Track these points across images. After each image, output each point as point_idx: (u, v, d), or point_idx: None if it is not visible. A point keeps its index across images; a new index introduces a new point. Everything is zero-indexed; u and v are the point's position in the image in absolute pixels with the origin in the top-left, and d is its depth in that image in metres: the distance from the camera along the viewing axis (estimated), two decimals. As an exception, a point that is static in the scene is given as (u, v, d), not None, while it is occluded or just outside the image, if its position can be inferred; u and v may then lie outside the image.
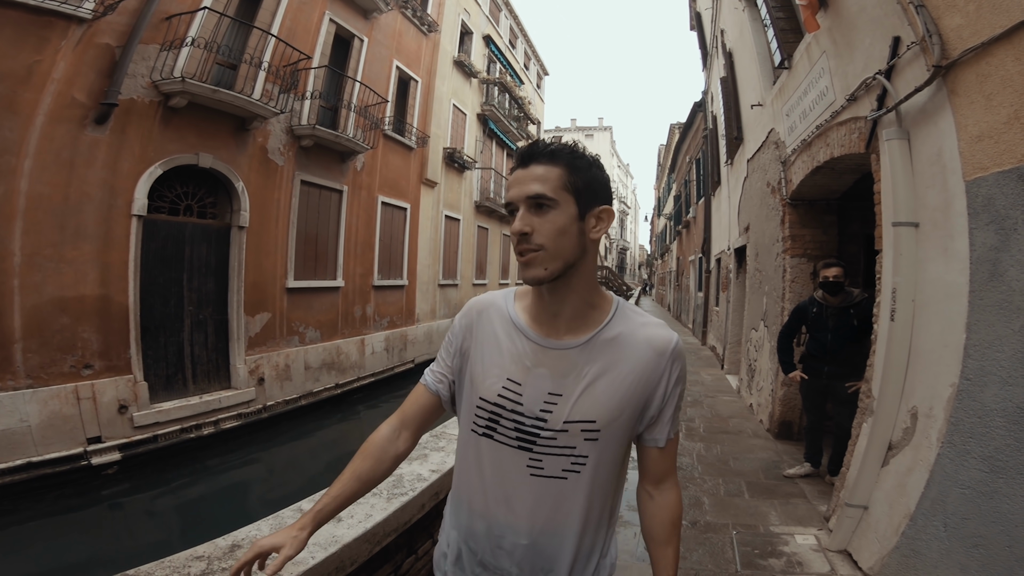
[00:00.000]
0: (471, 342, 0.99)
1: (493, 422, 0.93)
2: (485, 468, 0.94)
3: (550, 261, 0.84)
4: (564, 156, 0.86)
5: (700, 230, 12.55)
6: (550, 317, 0.92)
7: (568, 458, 0.89)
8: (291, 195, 8.62)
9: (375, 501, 1.73)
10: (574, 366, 0.89)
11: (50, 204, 5.44)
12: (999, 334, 1.79)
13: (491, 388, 0.93)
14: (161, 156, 6.43)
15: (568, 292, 0.90)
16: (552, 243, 0.84)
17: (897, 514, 2.25)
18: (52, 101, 5.42)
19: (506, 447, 0.91)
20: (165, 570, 1.25)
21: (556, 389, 0.89)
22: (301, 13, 8.54)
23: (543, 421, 0.89)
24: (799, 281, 4.63)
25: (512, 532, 0.91)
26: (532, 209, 0.85)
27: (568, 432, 0.88)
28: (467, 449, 0.98)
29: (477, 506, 0.95)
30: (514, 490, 0.91)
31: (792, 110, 4.28)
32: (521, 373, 0.91)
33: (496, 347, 0.95)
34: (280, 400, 8.20)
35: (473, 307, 1.03)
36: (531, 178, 0.85)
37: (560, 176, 0.85)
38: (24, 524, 4.87)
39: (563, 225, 0.84)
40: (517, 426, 0.90)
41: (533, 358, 0.91)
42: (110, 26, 5.81)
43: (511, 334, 0.95)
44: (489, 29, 17.56)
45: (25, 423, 5.15)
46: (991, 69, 1.79)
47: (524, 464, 0.90)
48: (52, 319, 5.47)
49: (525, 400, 0.90)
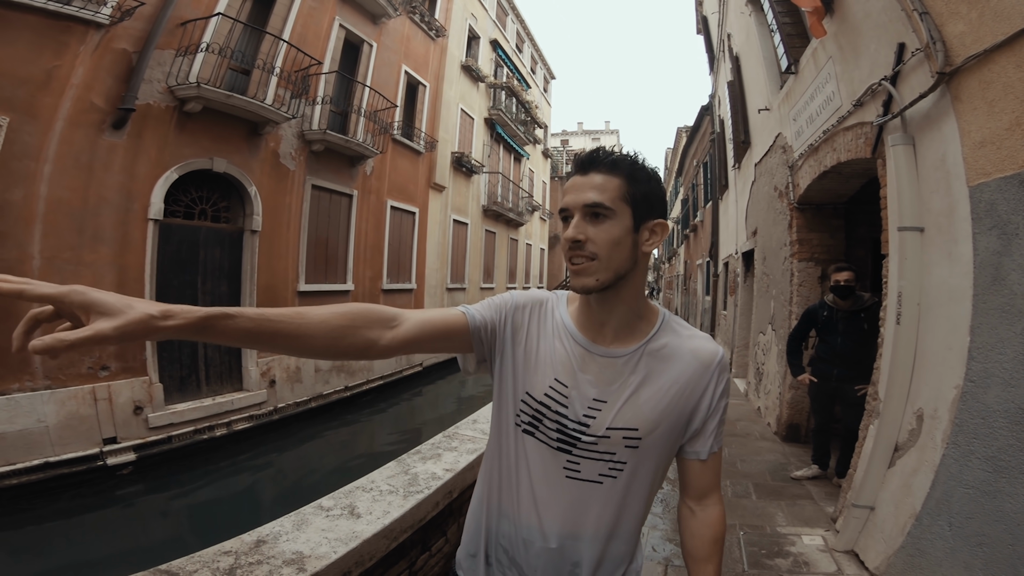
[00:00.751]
0: (522, 329, 0.97)
1: (536, 420, 0.92)
2: (521, 466, 0.93)
3: (602, 272, 0.84)
4: (625, 166, 0.86)
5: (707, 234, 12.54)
6: (597, 325, 0.92)
7: (606, 463, 0.89)
8: (302, 199, 8.74)
9: (392, 499, 1.78)
10: (619, 374, 0.90)
11: (69, 208, 5.56)
12: (1001, 337, 1.82)
13: (539, 385, 0.92)
14: (177, 161, 6.56)
15: (617, 303, 0.90)
16: (605, 253, 0.83)
17: (903, 514, 2.28)
18: (71, 106, 5.54)
19: (546, 447, 0.91)
20: (195, 564, 1.29)
21: (601, 396, 0.89)
22: (311, 19, 8.68)
23: (586, 426, 0.89)
24: (807, 285, 4.65)
25: (540, 535, 0.90)
26: (588, 217, 0.84)
27: (610, 438, 0.88)
28: (502, 446, 0.97)
29: (507, 506, 0.94)
30: (548, 491, 0.90)
31: (799, 115, 4.31)
32: (568, 376, 0.91)
33: (547, 345, 0.94)
34: (291, 402, 8.29)
35: (528, 297, 1.00)
36: (589, 186, 0.84)
37: (619, 186, 0.84)
38: (41, 524, 4.94)
39: (618, 236, 0.84)
40: (560, 427, 0.90)
41: (580, 363, 0.91)
42: (127, 31, 5.94)
43: (561, 336, 0.94)
44: (496, 33, 17.68)
45: (43, 423, 5.24)
46: (993, 76, 1.83)
47: (561, 466, 0.90)
48: (71, 321, 5.56)
49: (570, 403, 0.90)
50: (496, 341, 0.97)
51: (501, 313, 0.97)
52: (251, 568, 1.29)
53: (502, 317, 0.97)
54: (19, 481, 5.03)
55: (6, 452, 4.99)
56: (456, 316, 0.93)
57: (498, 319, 0.96)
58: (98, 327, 0.56)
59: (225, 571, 1.27)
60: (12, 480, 4.98)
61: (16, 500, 4.98)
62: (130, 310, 0.58)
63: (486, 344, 0.96)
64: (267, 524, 1.54)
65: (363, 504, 1.72)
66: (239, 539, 1.44)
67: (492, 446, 1.00)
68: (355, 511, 1.67)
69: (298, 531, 1.50)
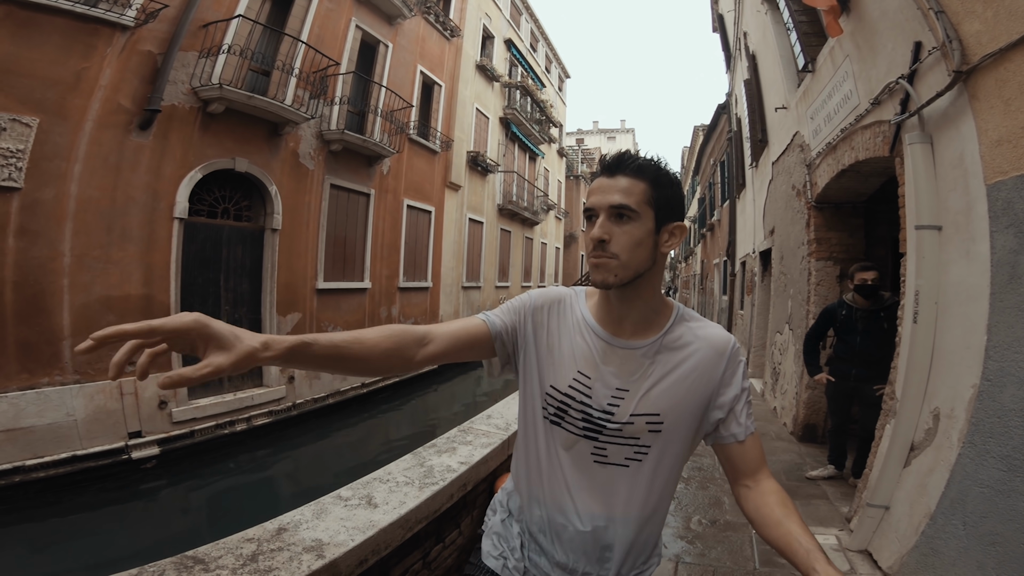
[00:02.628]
0: (543, 327, 1.03)
1: (562, 411, 0.97)
2: (552, 455, 0.99)
3: (621, 270, 0.89)
4: (650, 172, 0.91)
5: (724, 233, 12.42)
6: (617, 320, 0.98)
7: (632, 447, 0.95)
8: (321, 198, 8.88)
9: (408, 490, 1.83)
10: (640, 365, 0.96)
11: (98, 207, 5.74)
12: (1018, 336, 1.81)
13: (563, 378, 0.98)
14: (201, 161, 6.72)
15: (636, 299, 0.95)
16: (627, 253, 0.89)
17: (917, 514, 2.27)
18: (100, 107, 5.70)
19: (572, 435, 0.97)
20: (220, 551, 1.35)
21: (623, 385, 0.95)
22: (328, 20, 8.80)
23: (610, 414, 0.94)
24: (824, 284, 4.60)
25: (575, 518, 0.96)
26: (612, 218, 0.89)
27: (633, 424, 0.94)
28: (529, 437, 1.03)
29: (538, 492, 1.00)
30: (578, 476, 0.96)
31: (816, 113, 4.27)
32: (591, 368, 0.97)
33: (569, 340, 1.00)
34: (309, 398, 8.43)
35: (547, 296, 1.06)
36: (615, 188, 0.89)
37: (644, 191, 0.89)
38: (66, 516, 5.05)
39: (640, 238, 0.89)
40: (585, 416, 0.96)
41: (602, 355, 0.97)
42: (151, 33, 6.09)
43: (583, 331, 1.00)
44: (510, 33, 17.70)
45: (72, 417, 5.39)
46: (1009, 74, 1.81)
47: (589, 452, 0.96)
48: (99, 317, 5.73)
49: (594, 394, 0.95)
50: (518, 342, 1.03)
51: (520, 315, 1.04)
52: (272, 554, 1.34)
53: (522, 318, 1.04)
54: (47, 474, 5.15)
55: (35, 446, 5.12)
56: (478, 325, 1.00)
57: (518, 320, 1.03)
58: (215, 361, 0.65)
59: (248, 557, 1.32)
60: (40, 473, 5.11)
61: (43, 493, 5.10)
62: (239, 343, 0.67)
63: (508, 346, 1.03)
64: (288, 513, 1.59)
65: (380, 494, 1.77)
66: (261, 527, 1.48)
67: (520, 438, 1.07)
68: (372, 501, 1.72)
69: (318, 519, 1.55)
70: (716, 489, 3.56)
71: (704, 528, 3.00)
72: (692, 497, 3.44)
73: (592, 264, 0.92)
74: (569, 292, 1.07)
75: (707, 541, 2.84)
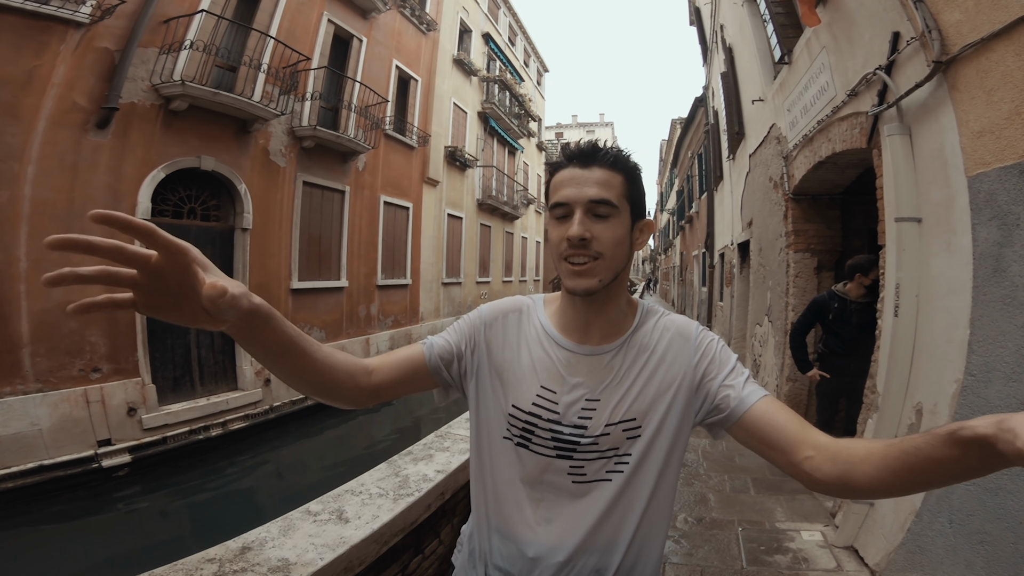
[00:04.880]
0: (497, 344, 0.94)
1: (528, 432, 0.88)
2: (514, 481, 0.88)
3: (604, 271, 0.81)
4: (626, 165, 0.84)
5: (703, 225, 12.53)
6: (583, 326, 0.89)
7: (611, 459, 0.85)
8: (293, 196, 8.66)
9: (382, 502, 1.75)
10: (610, 370, 0.87)
11: (54, 209, 5.48)
12: (1003, 330, 1.78)
13: (525, 396, 0.88)
14: (164, 159, 6.46)
15: (607, 300, 0.88)
16: (611, 252, 0.81)
17: (903, 511, 2.26)
18: (53, 106, 5.44)
19: (544, 457, 0.86)
20: (178, 573, 1.26)
21: (593, 396, 0.86)
22: (299, 14, 8.55)
23: (583, 428, 0.85)
24: (803, 276, 4.62)
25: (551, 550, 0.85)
26: (590, 215, 0.80)
27: (610, 435, 0.85)
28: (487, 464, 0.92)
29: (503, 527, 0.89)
30: (555, 500, 0.86)
31: (793, 105, 4.26)
32: (555, 382, 0.88)
33: (529, 354, 0.91)
34: (286, 400, 8.24)
35: (500, 309, 0.97)
36: (592, 180, 0.80)
37: (622, 184, 0.82)
38: (38, 526, 4.91)
39: (622, 235, 0.82)
40: (554, 435, 0.86)
41: (567, 366, 0.88)
42: (108, 30, 5.83)
43: (543, 341, 0.91)
44: (488, 27, 17.53)
45: (36, 426, 5.20)
46: (991, 65, 1.78)
47: (565, 472, 0.86)
48: (60, 324, 5.50)
49: (561, 408, 0.86)
50: (467, 363, 0.94)
51: (469, 334, 0.95)
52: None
53: (470, 338, 0.95)
54: (15, 484, 5.00)
55: (0, 456, 4.95)
56: (416, 353, 0.92)
57: (466, 340, 0.95)
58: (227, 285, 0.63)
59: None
60: (8, 484, 4.96)
61: (13, 503, 4.96)
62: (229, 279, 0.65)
63: (452, 369, 0.94)
64: (253, 530, 1.52)
65: (352, 508, 1.69)
66: (224, 546, 1.41)
67: (476, 467, 0.95)
68: (343, 515, 1.64)
69: (284, 537, 1.48)
70: (701, 486, 3.55)
71: (690, 527, 2.97)
72: (677, 495, 3.41)
73: (572, 270, 0.81)
74: (525, 302, 0.98)
75: (694, 540, 2.81)
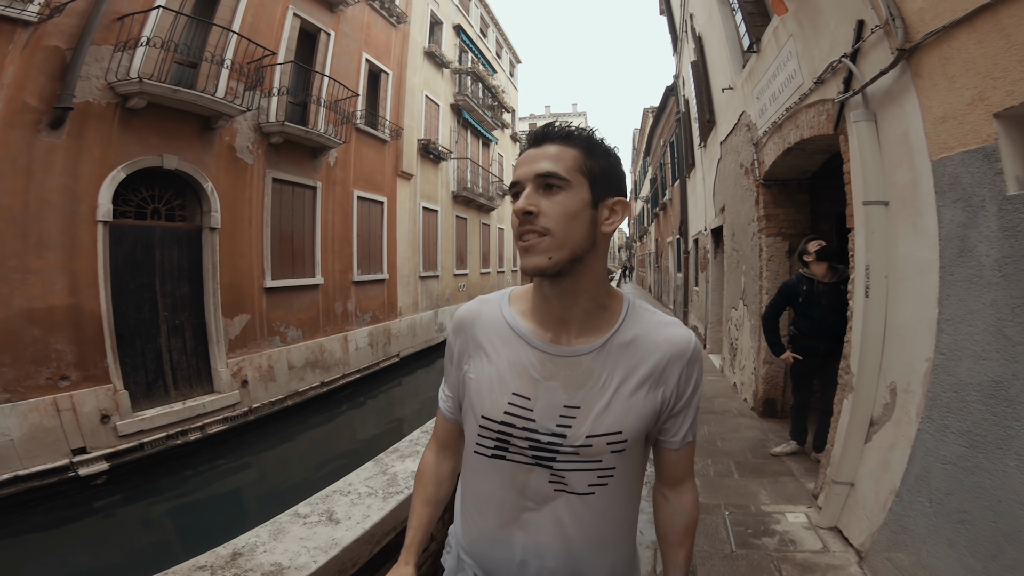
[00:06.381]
0: (466, 355, 0.91)
1: (503, 442, 0.84)
2: (501, 490, 0.85)
3: (556, 249, 0.76)
4: (581, 139, 0.80)
5: (677, 212, 12.69)
6: (558, 322, 0.84)
7: (594, 472, 0.82)
8: (263, 193, 8.44)
9: (371, 502, 1.73)
10: (590, 374, 0.82)
11: (10, 213, 5.24)
12: (970, 308, 1.83)
13: (495, 405, 0.84)
14: (123, 159, 6.22)
15: (578, 292, 0.82)
16: (560, 228, 0.75)
17: (883, 491, 2.29)
18: (3, 107, 5.20)
19: (523, 466, 0.83)
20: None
21: (572, 401, 0.81)
22: (263, 8, 8.29)
23: (561, 437, 0.81)
24: (776, 260, 4.73)
25: (536, 555, 0.83)
26: (541, 189, 0.77)
27: (592, 447, 0.80)
28: (472, 470, 0.90)
29: (495, 533, 0.86)
30: (537, 509, 0.83)
31: (762, 93, 4.33)
32: (528, 386, 0.83)
33: (495, 358, 0.86)
34: (266, 401, 8.11)
35: (463, 318, 0.93)
36: (542, 156, 0.78)
37: (576, 157, 0.78)
38: (18, 537, 4.82)
39: (574, 209, 0.76)
40: (532, 444, 0.82)
41: (541, 369, 0.83)
42: (58, 28, 5.58)
43: (511, 342, 0.86)
44: (459, 18, 17.30)
45: (7, 437, 5.08)
46: (953, 52, 1.84)
47: (546, 481, 0.82)
48: (22, 331, 5.31)
49: (537, 416, 0.81)
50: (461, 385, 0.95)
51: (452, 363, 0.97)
52: None
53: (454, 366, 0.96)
54: None
55: None
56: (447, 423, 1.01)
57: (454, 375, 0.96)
58: None
59: None
60: None
61: None
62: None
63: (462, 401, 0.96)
64: (243, 535, 1.49)
65: (341, 509, 1.67)
66: (213, 552, 1.38)
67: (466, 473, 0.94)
68: (333, 517, 1.62)
69: (275, 541, 1.45)
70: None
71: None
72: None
73: (521, 247, 0.78)
74: (493, 299, 0.93)
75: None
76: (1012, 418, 1.64)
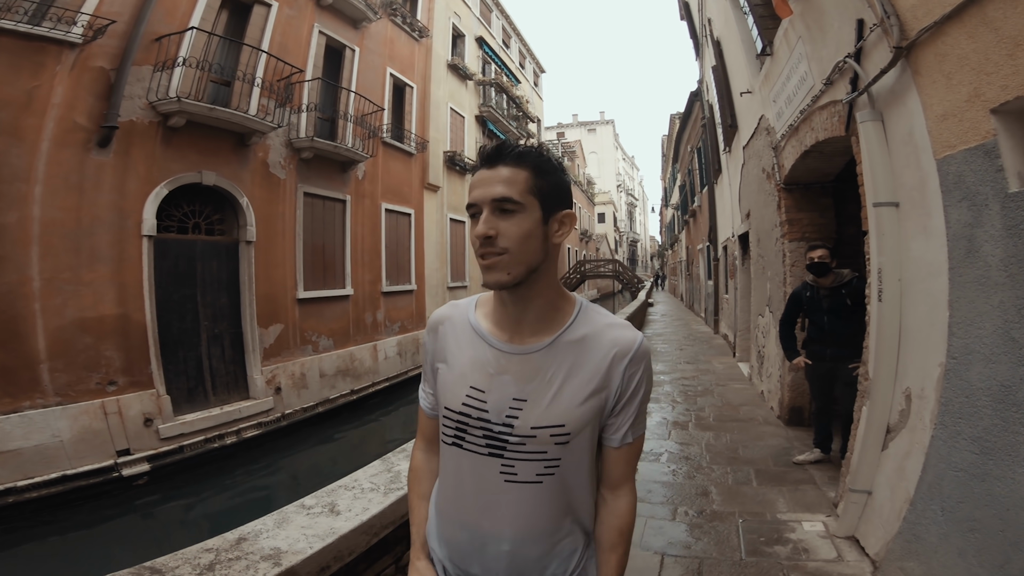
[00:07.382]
0: (438, 355, 0.99)
1: (461, 431, 0.92)
2: (461, 477, 0.93)
3: (514, 266, 0.84)
4: (531, 159, 0.86)
5: (706, 218, 12.50)
6: (513, 323, 0.91)
7: (541, 463, 0.88)
8: (295, 207, 8.79)
9: (372, 496, 1.81)
10: (538, 370, 0.88)
11: (63, 228, 5.63)
12: (980, 310, 1.78)
13: (455, 397, 0.92)
14: (166, 176, 6.61)
15: (532, 297, 0.89)
16: (517, 247, 0.83)
17: (898, 499, 2.22)
18: (55, 126, 5.58)
19: (477, 455, 0.90)
20: (178, 561, 1.35)
21: (520, 394, 0.88)
22: (290, 27, 8.68)
23: (510, 427, 0.88)
24: (799, 265, 4.61)
25: (494, 540, 0.90)
26: (497, 212, 0.84)
27: (536, 437, 0.87)
28: (445, 460, 0.98)
29: (457, 516, 0.94)
30: (492, 497, 0.90)
31: (778, 96, 4.28)
32: (484, 380, 0.90)
33: (458, 356, 0.95)
34: (298, 408, 8.37)
35: (435, 320, 1.02)
36: (497, 180, 0.84)
37: (527, 179, 0.84)
38: (65, 534, 5.09)
39: (528, 229, 0.84)
40: (486, 433, 0.89)
41: (496, 364, 0.90)
42: (102, 49, 5.96)
43: (473, 341, 0.94)
44: (481, 31, 17.62)
45: (57, 438, 5.39)
46: (947, 48, 1.80)
47: (497, 471, 0.89)
48: (75, 339, 5.67)
49: (490, 407, 0.89)
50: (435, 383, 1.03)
51: (427, 364, 1.04)
52: (230, 563, 1.34)
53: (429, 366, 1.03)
54: (39, 494, 5.20)
55: (25, 467, 5.16)
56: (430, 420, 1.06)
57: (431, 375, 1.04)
58: None
59: (205, 567, 1.32)
60: (33, 493, 5.17)
61: (39, 512, 5.15)
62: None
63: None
64: (250, 523, 1.59)
65: (344, 502, 1.75)
66: (222, 537, 1.48)
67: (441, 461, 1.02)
68: (335, 508, 1.71)
69: (279, 528, 1.54)
70: (703, 479, 3.51)
71: (690, 520, 2.96)
72: (679, 488, 3.40)
73: (483, 265, 0.86)
74: (461, 304, 1.02)
75: (693, 532, 2.80)
76: (1020, 423, 1.59)
